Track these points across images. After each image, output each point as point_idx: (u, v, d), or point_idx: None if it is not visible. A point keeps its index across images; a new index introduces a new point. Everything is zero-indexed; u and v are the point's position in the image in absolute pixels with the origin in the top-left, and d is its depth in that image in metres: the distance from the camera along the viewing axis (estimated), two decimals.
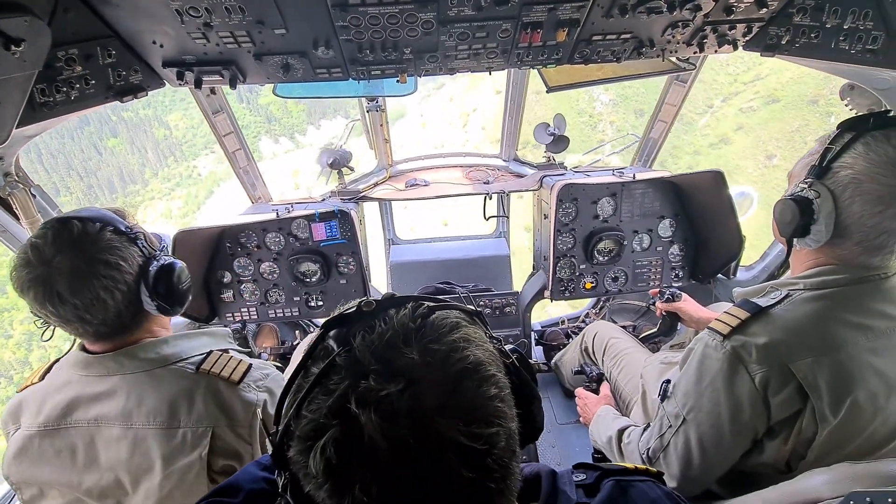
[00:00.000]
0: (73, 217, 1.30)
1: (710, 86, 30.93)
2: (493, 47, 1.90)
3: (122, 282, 1.31)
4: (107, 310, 1.29)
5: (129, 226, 1.37)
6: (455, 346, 0.68)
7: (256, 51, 1.78)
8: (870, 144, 1.24)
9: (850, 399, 1.23)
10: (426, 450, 0.61)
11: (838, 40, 1.66)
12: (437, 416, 0.62)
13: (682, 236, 3.07)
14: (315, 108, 57.40)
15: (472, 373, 0.67)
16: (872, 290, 1.33)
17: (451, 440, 0.62)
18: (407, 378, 0.63)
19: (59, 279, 1.22)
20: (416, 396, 0.62)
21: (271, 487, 1.14)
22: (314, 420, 0.63)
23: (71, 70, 1.57)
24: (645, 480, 0.92)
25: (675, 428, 1.44)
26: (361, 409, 0.61)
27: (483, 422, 0.64)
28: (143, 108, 58.07)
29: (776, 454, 1.33)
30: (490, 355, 0.72)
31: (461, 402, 0.64)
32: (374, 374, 0.63)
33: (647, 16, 1.78)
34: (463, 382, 0.66)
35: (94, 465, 1.33)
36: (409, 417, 0.61)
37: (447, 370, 0.66)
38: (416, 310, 0.72)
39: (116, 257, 1.30)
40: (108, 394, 1.34)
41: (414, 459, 0.61)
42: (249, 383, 1.39)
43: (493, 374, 0.69)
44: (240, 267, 2.95)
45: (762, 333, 1.32)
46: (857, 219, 1.26)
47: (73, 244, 1.26)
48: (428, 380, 0.64)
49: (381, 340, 0.67)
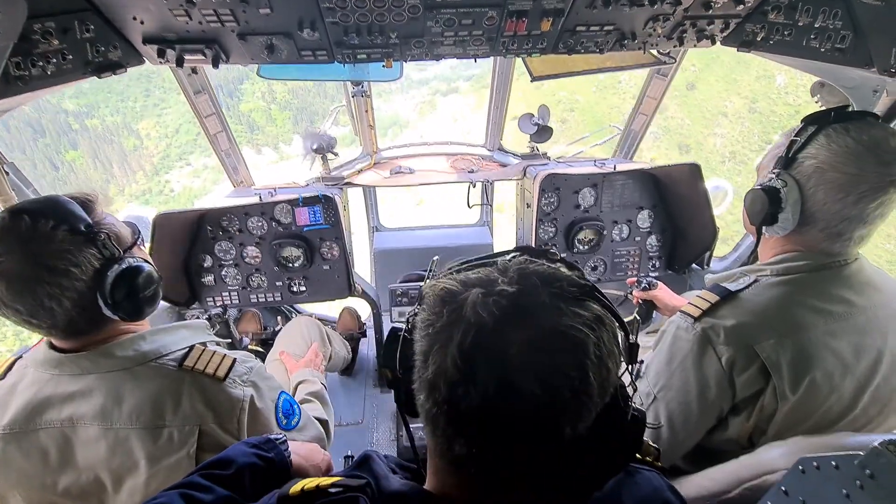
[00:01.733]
0: (25, 211, 1.18)
1: (767, 118, 30.08)
2: (479, 34, 1.91)
3: (70, 289, 1.19)
4: (54, 316, 1.20)
5: (92, 222, 1.25)
6: (578, 322, 0.71)
7: (240, 30, 1.76)
8: (831, 136, 1.31)
9: (808, 378, 1.31)
10: (491, 347, 0.69)
11: (810, 38, 1.73)
12: (516, 338, 0.69)
13: (659, 227, 3.16)
14: (302, 116, 53.33)
15: (568, 345, 0.70)
16: (833, 276, 1.41)
17: (509, 363, 0.68)
18: (523, 297, 0.72)
19: (0, 282, 1.14)
20: (516, 314, 0.70)
21: (262, 462, 1.17)
22: (451, 277, 0.78)
23: (47, 44, 1.53)
24: (650, 469, 0.96)
25: (646, 406, 1.50)
26: (477, 285, 0.73)
27: (539, 381, 0.68)
28: (110, 114, 52.20)
29: (739, 430, 1.40)
30: (601, 363, 0.72)
31: (539, 351, 0.69)
32: (507, 279, 0.74)
33: (629, 8, 1.82)
34: (554, 343, 0.70)
35: (70, 465, 1.26)
36: (500, 315, 0.70)
37: (553, 324, 0.71)
38: (581, 280, 0.79)
39: (66, 262, 1.18)
40: (84, 393, 1.26)
41: (478, 345, 0.69)
42: (235, 378, 1.35)
43: (587, 368, 0.70)
44: (221, 251, 2.92)
45: (730, 316, 1.39)
46: (822, 206, 1.33)
47: (20, 243, 1.15)
48: (535, 315, 0.71)
49: (533, 267, 0.76)
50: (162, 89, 53.16)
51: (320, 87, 51.81)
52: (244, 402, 1.34)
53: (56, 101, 47.56)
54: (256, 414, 1.38)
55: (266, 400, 1.42)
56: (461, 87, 47.01)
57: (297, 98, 53.02)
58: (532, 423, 0.70)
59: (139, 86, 53.09)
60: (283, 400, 1.48)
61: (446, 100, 46.64)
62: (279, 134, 51.57)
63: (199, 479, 1.09)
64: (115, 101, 52.12)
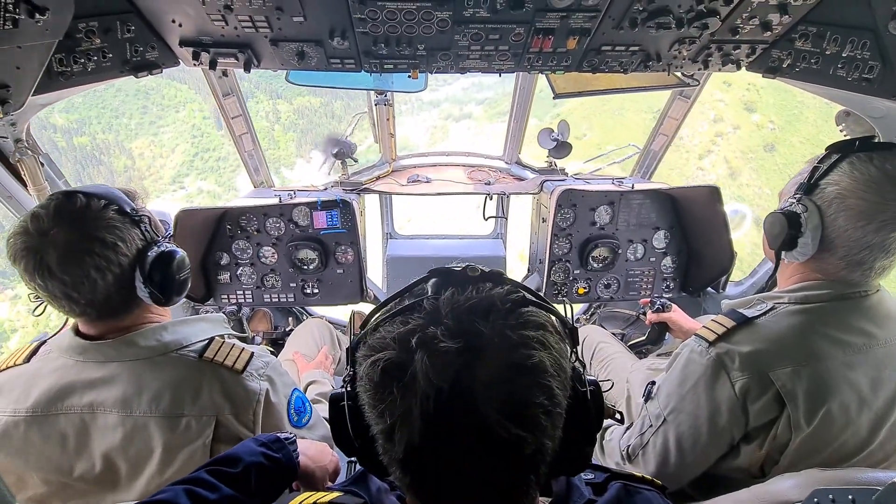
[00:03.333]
0: (79, 191, 1.28)
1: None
2: (505, 50, 1.94)
3: (115, 263, 1.27)
4: (95, 290, 1.25)
5: (136, 207, 1.34)
6: (528, 342, 0.70)
7: (273, 36, 1.82)
8: (854, 164, 1.31)
9: (824, 409, 1.29)
10: (457, 408, 0.66)
11: (837, 67, 1.72)
12: (479, 389, 0.66)
13: (675, 248, 3.14)
14: (306, 139, 49.01)
15: (529, 373, 0.69)
16: (853, 307, 1.39)
17: (483, 417, 0.66)
18: (468, 344, 0.67)
19: (52, 251, 1.20)
20: (469, 364, 0.67)
21: (269, 462, 1.19)
22: (382, 338, 0.72)
23: (90, 42, 1.60)
24: (650, 490, 0.98)
25: (656, 427, 1.49)
26: (419, 348, 0.68)
27: (517, 421, 0.67)
28: (102, 132, 47.21)
29: (751, 459, 1.38)
30: (559, 369, 0.72)
31: (505, 392, 0.67)
32: (444, 327, 0.69)
33: (655, 30, 1.83)
34: (516, 377, 0.68)
35: (87, 451, 1.29)
36: (454, 374, 0.66)
37: (507, 358, 0.68)
38: (511, 293, 0.75)
39: (114, 237, 1.27)
40: (106, 380, 1.30)
41: (444, 410, 0.66)
42: (252, 372, 1.38)
43: (551, 386, 0.70)
44: (238, 250, 2.97)
45: (746, 342, 1.37)
46: (842, 233, 1.33)
47: (73, 218, 1.23)
48: (486, 356, 0.68)
49: (465, 303, 0.71)
50: (160, 106, 50.22)
51: (327, 108, 50.38)
52: (260, 395, 1.37)
53: (44, 116, 41.39)
54: (270, 408, 1.40)
55: (280, 395, 1.44)
56: (474, 112, 45.04)
57: (302, 118, 50.57)
58: (518, 458, 0.70)
59: (136, 102, 50.15)
60: (296, 397, 1.50)
61: (458, 126, 45.01)
62: (281, 157, 48.51)
63: (206, 475, 1.11)
64: (108, 117, 49.06)
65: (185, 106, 50.64)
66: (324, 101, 51.65)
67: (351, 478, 1.02)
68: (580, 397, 0.80)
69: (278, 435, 1.27)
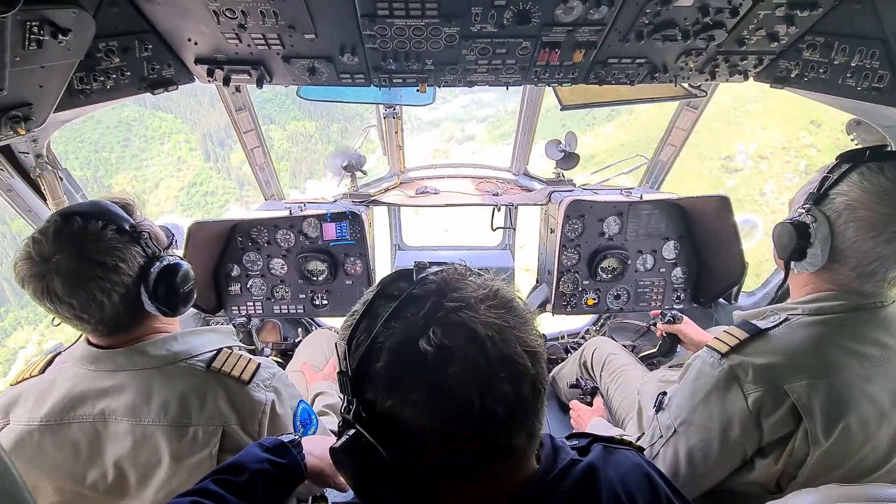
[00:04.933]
0: (75, 213, 1.28)
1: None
2: (512, 63, 1.97)
3: (119, 284, 1.28)
4: (103, 311, 1.28)
5: (134, 223, 1.35)
6: (518, 347, 0.80)
7: (285, 53, 1.86)
8: (864, 174, 1.29)
9: (842, 423, 1.26)
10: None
11: (846, 77, 1.72)
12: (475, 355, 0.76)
13: (685, 259, 3.11)
14: (300, 168, 45.17)
15: (511, 367, 0.79)
16: (869, 318, 1.36)
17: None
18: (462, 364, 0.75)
19: (56, 278, 1.21)
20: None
21: (274, 468, 1.19)
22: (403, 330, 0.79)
23: (109, 61, 1.65)
24: (628, 449, 1.06)
25: (666, 438, 1.47)
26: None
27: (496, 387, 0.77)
28: (80, 167, 43.06)
29: (766, 474, 1.35)
30: (535, 362, 0.81)
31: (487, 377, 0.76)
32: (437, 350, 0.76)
33: (661, 43, 1.85)
34: (500, 369, 0.78)
35: (99, 459, 1.31)
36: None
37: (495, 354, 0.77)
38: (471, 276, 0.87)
39: (115, 259, 1.27)
40: (117, 389, 1.32)
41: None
42: (259, 383, 1.40)
43: (537, 371, 0.81)
44: (249, 261, 3.01)
45: (759, 354, 1.35)
46: (852, 244, 1.31)
47: (73, 243, 1.24)
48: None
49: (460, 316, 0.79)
50: (143, 138, 46.48)
51: (324, 132, 46.61)
52: (266, 406, 1.38)
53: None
54: (276, 419, 1.40)
55: (286, 406, 1.45)
56: (477, 134, 42.65)
57: (297, 145, 47.53)
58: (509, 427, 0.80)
59: (117, 134, 46.30)
60: (302, 409, 1.51)
61: (462, 148, 43.31)
62: (273, 194, 42.89)
63: (213, 486, 1.11)
64: (87, 151, 45.24)
65: (170, 137, 47.09)
66: (320, 126, 48.52)
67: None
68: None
69: (282, 439, 1.27)
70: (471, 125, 44.33)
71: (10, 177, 1.90)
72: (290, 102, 43.97)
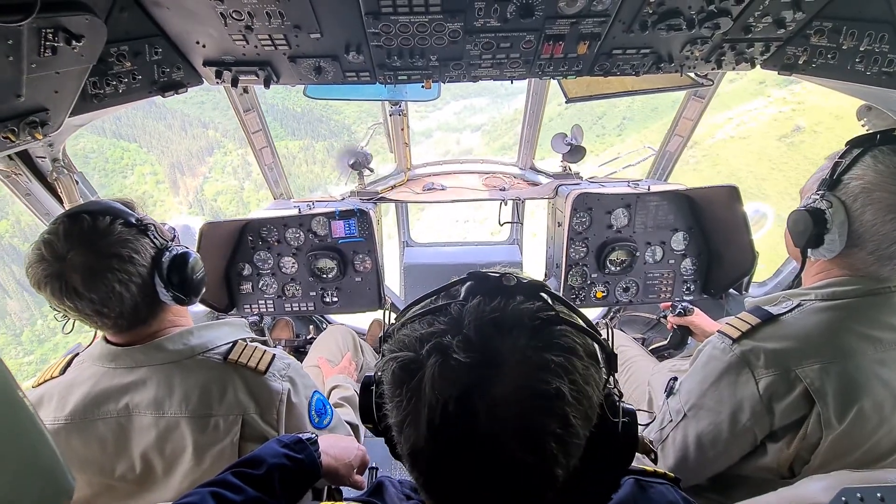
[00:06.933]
0: (82, 212, 1.31)
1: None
2: (516, 57, 1.97)
3: (136, 274, 1.32)
4: (123, 303, 1.31)
5: (139, 217, 1.38)
6: (548, 366, 0.65)
7: (291, 53, 1.88)
8: (878, 157, 1.29)
9: (856, 407, 1.26)
10: (462, 423, 0.64)
11: (854, 62, 1.70)
12: (487, 407, 0.63)
13: (695, 250, 3.09)
14: (303, 186, 41.62)
15: (544, 399, 0.64)
16: (883, 302, 1.36)
17: (487, 437, 0.64)
18: (484, 360, 0.64)
19: (73, 274, 1.23)
20: (481, 380, 0.64)
21: (291, 463, 1.22)
22: (407, 335, 0.72)
23: (121, 65, 1.68)
24: (664, 483, 0.96)
25: (676, 423, 1.48)
26: (432, 355, 0.66)
27: (524, 446, 0.64)
28: (27, 212, 22.04)
29: (779, 458, 1.35)
30: (582, 398, 0.67)
31: (514, 415, 0.64)
32: (462, 337, 0.66)
33: (666, 32, 1.84)
34: (529, 401, 0.64)
35: (126, 452, 1.35)
36: (462, 389, 0.64)
37: (522, 380, 0.64)
38: (542, 310, 0.70)
39: (129, 250, 1.31)
40: (138, 384, 1.36)
41: (448, 423, 0.65)
42: (274, 373, 1.43)
43: (567, 415, 0.65)
44: (259, 260, 3.05)
45: (772, 339, 1.35)
46: (870, 227, 1.30)
47: (85, 239, 1.26)
48: (501, 375, 0.64)
49: (489, 315, 0.68)
50: (102, 172, 40.08)
51: (308, 152, 42.94)
52: (282, 395, 1.42)
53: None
54: (292, 408, 1.44)
55: (301, 396, 1.49)
56: (475, 148, 39.17)
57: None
58: (524, 481, 0.67)
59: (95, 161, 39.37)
60: (317, 399, 1.55)
61: (461, 166, 40.87)
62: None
63: (232, 478, 1.14)
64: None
65: (134, 170, 41.98)
66: (304, 145, 44.64)
67: (368, 489, 1.04)
68: (609, 428, 0.76)
69: (300, 436, 1.30)
70: (466, 135, 41.69)
71: (28, 181, 1.96)
72: (272, 120, 38.05)
